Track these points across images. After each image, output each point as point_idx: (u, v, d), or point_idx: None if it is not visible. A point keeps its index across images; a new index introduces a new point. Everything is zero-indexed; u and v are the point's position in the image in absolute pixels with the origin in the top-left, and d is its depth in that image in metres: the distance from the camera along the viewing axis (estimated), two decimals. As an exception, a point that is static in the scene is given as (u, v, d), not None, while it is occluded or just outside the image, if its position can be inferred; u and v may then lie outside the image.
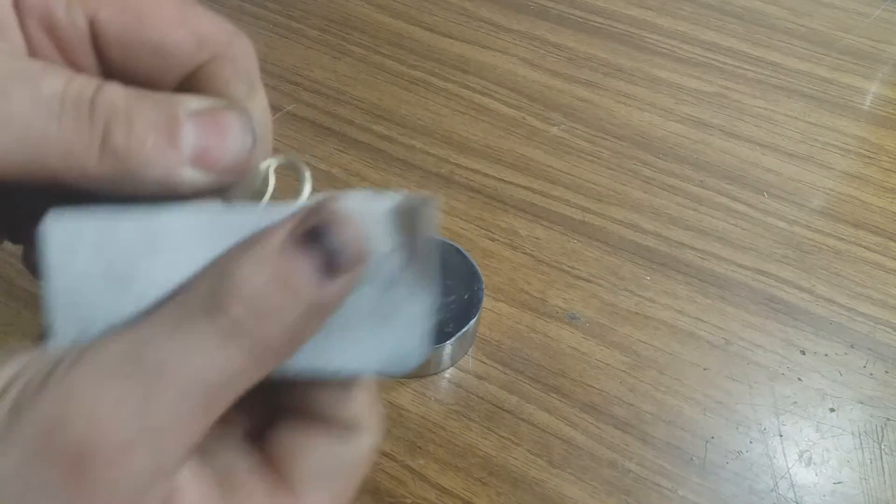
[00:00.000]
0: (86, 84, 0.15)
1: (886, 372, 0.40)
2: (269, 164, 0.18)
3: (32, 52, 0.16)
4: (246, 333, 0.14)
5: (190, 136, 0.15)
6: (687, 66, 0.58)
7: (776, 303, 0.43)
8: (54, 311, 0.14)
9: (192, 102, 0.16)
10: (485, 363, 0.40)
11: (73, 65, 0.17)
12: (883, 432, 0.38)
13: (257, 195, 0.17)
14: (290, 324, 0.14)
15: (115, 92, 0.15)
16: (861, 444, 0.37)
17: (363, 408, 0.17)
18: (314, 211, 0.15)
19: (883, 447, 0.37)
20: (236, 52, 0.18)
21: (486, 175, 0.49)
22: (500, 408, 0.38)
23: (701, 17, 0.62)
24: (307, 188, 0.17)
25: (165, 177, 0.15)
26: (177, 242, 0.15)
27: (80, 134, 0.15)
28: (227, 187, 0.16)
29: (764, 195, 0.49)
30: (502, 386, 0.39)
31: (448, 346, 0.37)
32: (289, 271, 0.14)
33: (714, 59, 0.58)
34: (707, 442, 0.37)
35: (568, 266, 0.44)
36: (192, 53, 0.17)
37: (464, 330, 0.36)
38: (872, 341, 0.41)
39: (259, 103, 0.18)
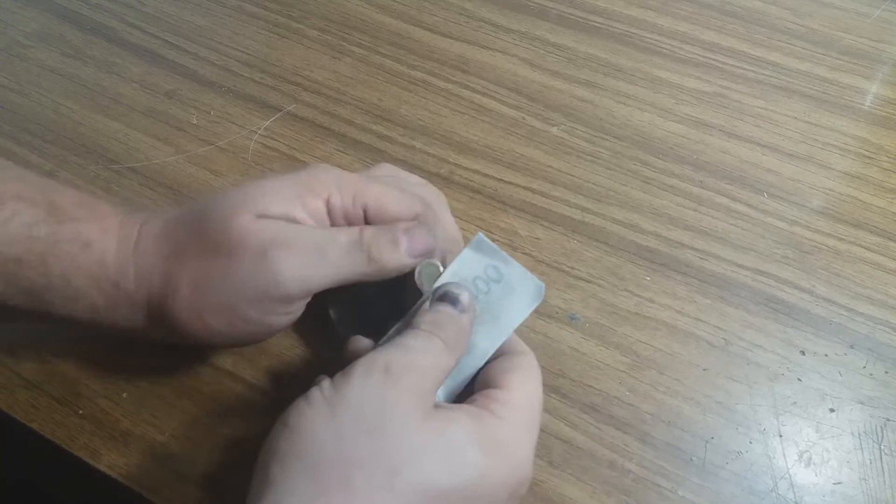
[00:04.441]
0: (355, 233, 0.31)
1: (886, 372, 0.40)
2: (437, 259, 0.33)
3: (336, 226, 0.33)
4: (433, 332, 0.29)
5: (405, 242, 0.31)
6: (687, 67, 0.58)
7: (776, 303, 0.43)
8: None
9: (404, 224, 0.32)
10: (484, 363, 0.40)
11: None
12: (883, 433, 0.38)
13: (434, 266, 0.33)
14: (453, 333, 0.29)
15: (369, 233, 0.31)
16: (861, 444, 0.37)
17: (521, 343, 0.32)
18: (438, 289, 0.31)
19: (883, 447, 0.37)
20: (427, 212, 0.34)
21: (486, 175, 0.49)
22: (499, 408, 0.38)
23: (701, 17, 0.62)
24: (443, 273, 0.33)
25: (400, 266, 0.32)
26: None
27: (357, 257, 0.31)
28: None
29: (764, 195, 0.49)
30: (502, 386, 0.39)
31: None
32: (440, 310, 0.30)
33: (714, 60, 0.58)
34: (707, 442, 0.37)
35: (567, 266, 0.44)
36: (408, 215, 0.33)
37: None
38: (872, 341, 0.41)
39: (440, 228, 0.34)
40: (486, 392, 0.29)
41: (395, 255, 0.31)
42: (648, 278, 0.44)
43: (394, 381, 0.26)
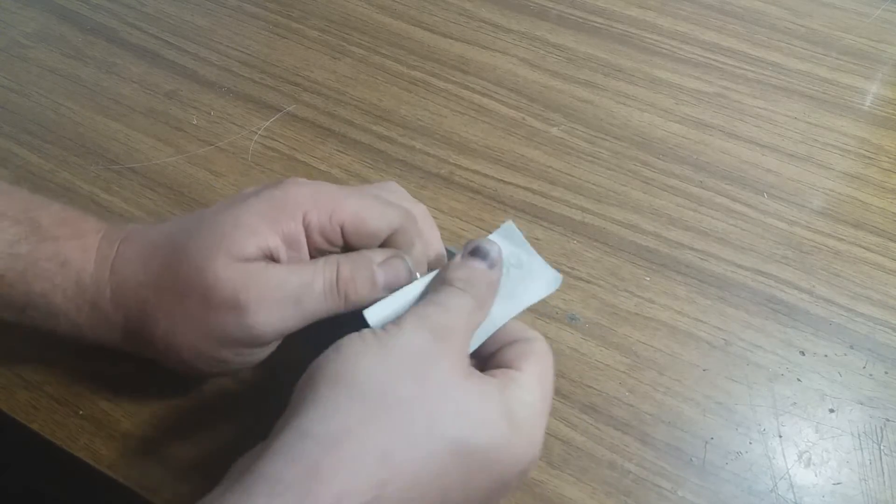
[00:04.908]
0: (331, 275, 0.31)
1: (886, 373, 0.40)
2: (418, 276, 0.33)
3: (312, 248, 0.32)
4: (466, 290, 0.29)
5: (381, 278, 0.32)
6: (687, 67, 0.58)
7: (776, 303, 0.43)
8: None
9: (378, 256, 0.32)
10: (484, 364, 0.40)
11: (331, 244, 0.32)
12: (882, 433, 0.38)
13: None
14: (482, 287, 0.30)
15: (346, 271, 0.31)
16: (860, 444, 0.37)
17: (523, 328, 0.32)
18: (470, 243, 0.31)
19: (882, 448, 0.37)
20: (406, 227, 0.34)
21: (486, 175, 0.49)
22: (499, 408, 0.38)
23: (701, 18, 0.62)
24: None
25: (375, 300, 0.31)
26: (409, 294, 0.32)
27: (333, 301, 0.31)
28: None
29: (764, 196, 0.49)
30: (502, 387, 0.39)
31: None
32: (474, 267, 0.30)
33: (714, 60, 0.58)
34: (706, 443, 0.37)
35: (567, 267, 0.44)
36: (386, 232, 0.33)
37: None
38: (872, 342, 0.41)
39: (417, 250, 0.34)
40: (505, 371, 0.29)
41: (371, 293, 0.31)
42: (648, 279, 0.44)
43: (440, 341, 0.27)
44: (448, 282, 0.30)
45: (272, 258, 0.31)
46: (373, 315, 0.30)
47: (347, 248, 0.33)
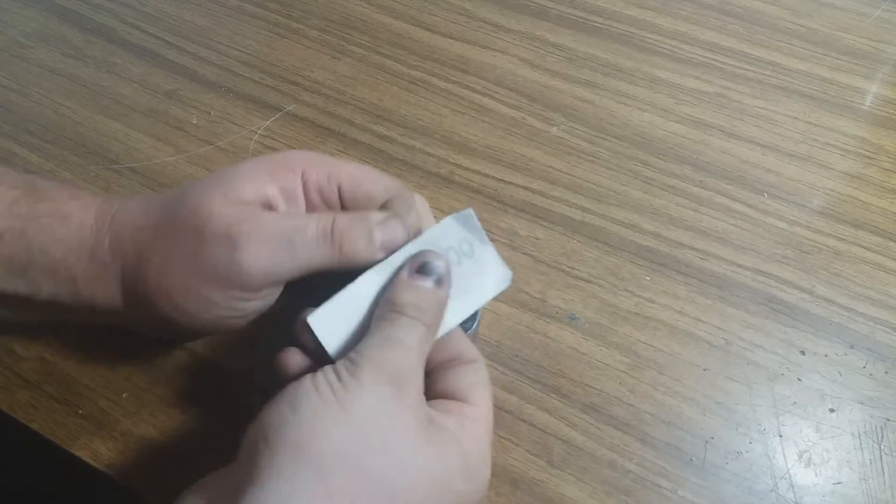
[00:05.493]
0: (326, 223, 0.30)
1: (886, 372, 0.40)
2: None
3: (309, 206, 0.32)
4: (419, 319, 0.29)
5: (379, 236, 0.30)
6: (687, 67, 0.58)
7: (776, 303, 0.43)
8: (329, 348, 0.30)
9: (377, 216, 0.31)
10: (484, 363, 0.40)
11: (328, 206, 0.32)
12: (883, 433, 0.38)
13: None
14: (432, 310, 0.29)
15: (342, 222, 0.30)
16: (861, 444, 0.37)
17: (472, 346, 0.31)
18: (417, 257, 0.30)
19: (883, 447, 0.37)
20: (403, 194, 0.33)
21: (486, 175, 0.49)
22: (499, 408, 0.38)
23: (701, 18, 0.62)
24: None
25: (370, 259, 0.30)
26: (368, 291, 0.30)
27: (327, 249, 0.30)
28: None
29: (764, 195, 0.49)
30: (502, 386, 0.39)
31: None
32: (423, 289, 0.29)
33: (714, 60, 0.58)
34: (707, 442, 0.37)
35: (568, 266, 0.44)
36: (383, 196, 0.33)
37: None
38: (872, 342, 0.41)
39: (414, 216, 0.32)
40: (460, 407, 0.29)
41: (367, 249, 0.30)
42: (648, 278, 0.44)
43: (399, 391, 0.27)
44: (398, 309, 0.29)
45: (269, 207, 0.31)
46: (318, 322, 0.29)
47: (346, 208, 0.33)
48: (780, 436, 0.37)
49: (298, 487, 0.24)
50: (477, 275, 0.31)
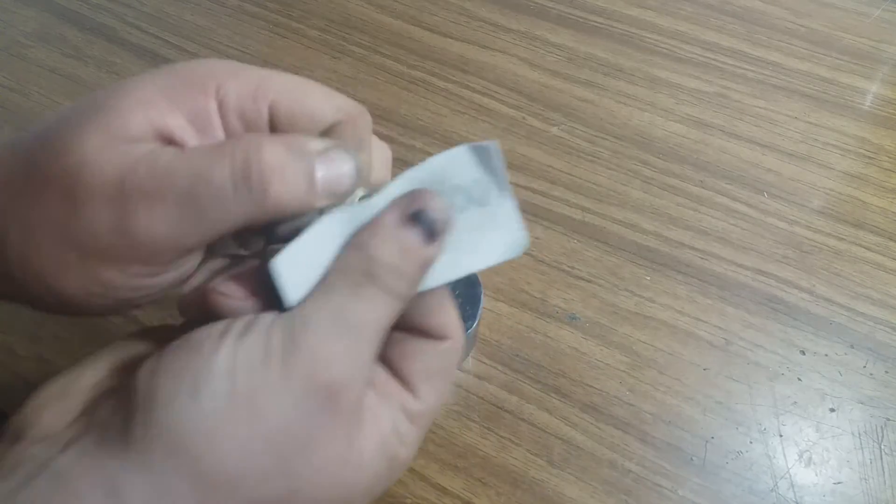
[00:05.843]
0: (243, 158, 0.21)
1: (886, 372, 0.40)
2: (359, 193, 0.24)
3: (230, 136, 0.23)
4: (393, 289, 0.21)
5: (321, 173, 0.22)
6: (687, 66, 0.57)
7: (776, 303, 0.43)
8: (290, 298, 0.21)
9: (317, 144, 0.22)
10: (485, 363, 0.40)
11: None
12: (883, 432, 0.38)
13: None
14: (414, 278, 0.22)
15: (268, 155, 0.21)
16: (861, 444, 0.37)
17: (451, 318, 0.24)
18: (411, 198, 0.22)
19: (883, 447, 0.37)
20: (357, 120, 0.25)
21: (486, 175, 0.49)
22: (499, 408, 0.38)
23: (701, 17, 0.62)
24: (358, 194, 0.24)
25: (307, 207, 0.22)
26: (334, 233, 0.22)
27: (247, 199, 0.21)
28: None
29: (764, 195, 0.49)
30: (502, 386, 0.39)
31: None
32: (408, 244, 0.22)
33: (714, 59, 0.58)
34: (707, 442, 0.37)
35: (568, 266, 0.44)
36: (333, 116, 0.24)
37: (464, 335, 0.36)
38: (872, 341, 0.41)
39: (365, 155, 0.25)
40: (401, 395, 0.23)
41: (306, 193, 0.21)
42: (649, 278, 0.44)
43: (333, 410, 0.20)
44: (371, 269, 0.21)
45: (172, 143, 0.22)
46: (282, 266, 0.21)
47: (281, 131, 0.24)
48: (781, 435, 0.37)
49: (166, 495, 0.19)
50: (484, 229, 0.24)
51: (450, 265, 0.23)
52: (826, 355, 0.41)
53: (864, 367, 0.40)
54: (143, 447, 0.19)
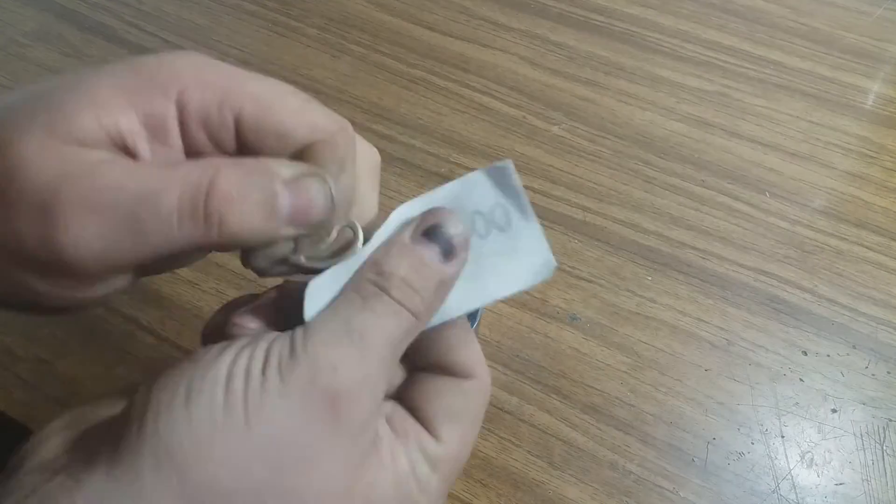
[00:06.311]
0: (197, 187, 0.19)
1: (888, 373, 0.40)
2: (340, 225, 0.22)
3: (189, 146, 0.21)
4: (406, 303, 0.20)
5: (286, 202, 0.20)
6: (688, 65, 0.57)
7: (778, 303, 0.43)
8: (309, 315, 0.20)
9: (286, 170, 0.20)
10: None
11: (218, 148, 0.21)
12: (885, 433, 0.38)
13: (321, 241, 0.22)
14: (429, 296, 0.21)
15: (227, 182, 0.19)
16: (863, 445, 0.37)
17: (476, 355, 0.22)
18: (430, 214, 0.21)
19: (885, 448, 0.37)
20: (338, 140, 0.22)
21: (487, 174, 0.49)
22: (500, 409, 0.38)
23: (702, 16, 0.62)
24: (359, 245, 0.22)
25: (269, 238, 0.20)
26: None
27: (196, 228, 0.19)
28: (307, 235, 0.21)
29: (766, 195, 0.49)
30: (502, 387, 0.39)
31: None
32: (422, 259, 0.21)
33: (715, 58, 0.58)
34: (708, 443, 0.37)
35: (569, 266, 0.44)
36: (306, 136, 0.21)
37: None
38: (874, 342, 0.41)
39: (346, 179, 0.22)
40: (419, 435, 0.21)
41: (264, 223, 0.20)
42: (650, 278, 0.44)
43: (336, 421, 0.19)
44: (383, 280, 0.20)
45: (125, 150, 0.20)
46: (310, 291, 0.21)
47: (248, 151, 0.21)
48: (783, 436, 0.37)
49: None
50: (510, 254, 0.23)
51: (476, 292, 0.22)
52: (828, 356, 0.40)
53: (867, 367, 0.40)
54: (132, 459, 0.18)
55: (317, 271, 0.22)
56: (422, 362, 0.23)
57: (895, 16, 0.63)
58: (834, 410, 0.38)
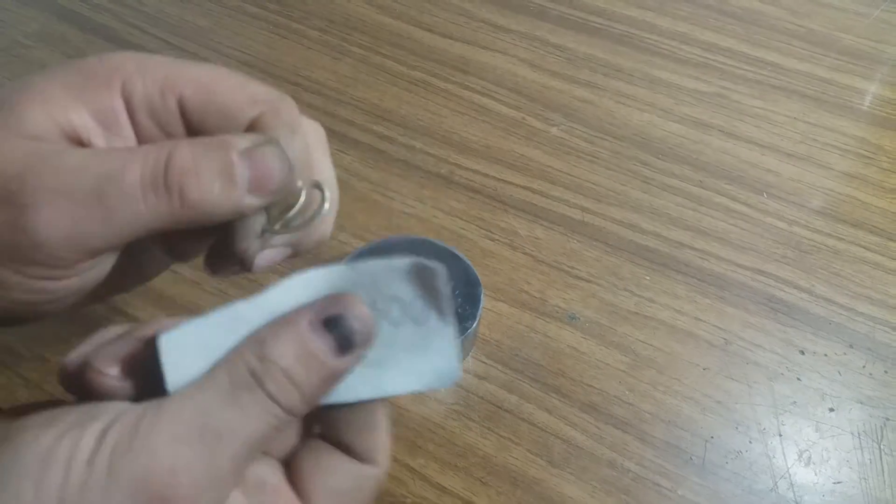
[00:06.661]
0: (157, 159, 0.20)
1: (886, 372, 0.40)
2: (302, 185, 0.23)
3: (140, 135, 0.22)
4: (281, 400, 0.19)
5: (245, 172, 0.20)
6: (686, 67, 0.58)
7: (775, 303, 0.43)
8: (170, 384, 0.19)
9: (241, 142, 0.21)
10: (484, 363, 0.40)
11: (168, 134, 0.22)
12: (882, 432, 0.38)
13: (292, 208, 0.22)
14: (311, 391, 0.19)
15: (183, 155, 0.20)
16: (860, 443, 0.37)
17: (380, 442, 0.21)
18: (332, 301, 0.20)
19: (882, 447, 0.37)
20: (280, 107, 0.22)
21: (486, 175, 0.49)
22: (499, 407, 0.38)
23: (700, 18, 0.62)
24: (326, 206, 0.23)
25: (234, 208, 0.20)
26: (245, 320, 0.20)
27: (161, 201, 0.20)
28: (274, 202, 0.22)
29: (763, 195, 0.49)
30: (502, 386, 0.39)
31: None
32: (312, 351, 0.19)
33: (713, 60, 0.58)
34: (706, 442, 0.37)
35: (567, 266, 0.44)
36: (249, 110, 0.22)
37: (464, 335, 0.36)
38: (872, 341, 0.41)
39: (299, 142, 0.22)
40: (285, 495, 0.20)
41: (225, 193, 0.20)
42: (648, 278, 0.44)
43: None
44: (261, 372, 0.19)
45: (80, 144, 0.21)
46: (170, 344, 0.19)
47: (196, 132, 0.23)
48: (780, 435, 0.38)
49: None
50: (417, 351, 0.21)
51: (370, 381, 0.21)
52: (825, 355, 0.41)
53: (864, 366, 0.40)
54: None
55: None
56: (323, 430, 0.22)
57: (892, 17, 0.63)
58: (831, 409, 0.39)
